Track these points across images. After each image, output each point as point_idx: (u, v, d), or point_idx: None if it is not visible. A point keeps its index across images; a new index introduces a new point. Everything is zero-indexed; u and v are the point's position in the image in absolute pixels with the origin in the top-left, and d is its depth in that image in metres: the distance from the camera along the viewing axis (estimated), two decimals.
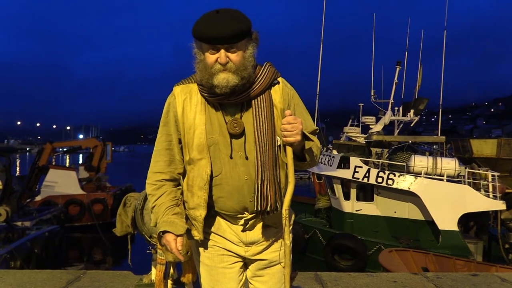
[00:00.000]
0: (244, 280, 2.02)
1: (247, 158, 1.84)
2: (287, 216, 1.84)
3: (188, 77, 1.95)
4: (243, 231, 1.93)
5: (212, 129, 1.86)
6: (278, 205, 1.83)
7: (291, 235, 1.92)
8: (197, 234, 1.92)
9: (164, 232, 1.87)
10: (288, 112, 1.76)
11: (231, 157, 1.84)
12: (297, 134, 1.75)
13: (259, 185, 1.81)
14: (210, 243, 1.97)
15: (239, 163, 1.85)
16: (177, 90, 1.93)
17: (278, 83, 1.93)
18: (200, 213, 1.88)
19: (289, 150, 1.81)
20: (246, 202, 1.86)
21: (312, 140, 1.87)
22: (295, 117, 1.76)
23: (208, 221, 1.94)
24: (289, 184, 1.84)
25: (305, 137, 1.83)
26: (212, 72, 1.76)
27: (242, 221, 1.91)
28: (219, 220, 1.95)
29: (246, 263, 2.01)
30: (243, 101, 1.85)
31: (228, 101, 1.83)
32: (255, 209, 1.83)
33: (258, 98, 1.85)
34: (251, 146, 1.84)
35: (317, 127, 2.00)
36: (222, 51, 1.74)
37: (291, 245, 1.90)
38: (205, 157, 1.84)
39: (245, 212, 1.89)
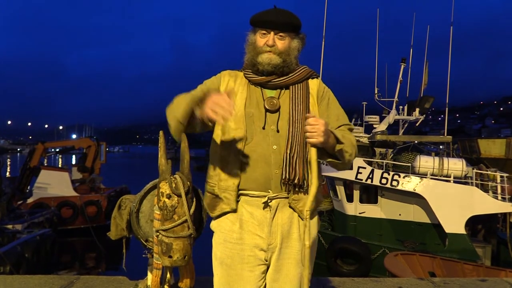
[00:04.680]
0: (263, 287, 1.98)
1: (278, 131, 1.93)
2: (307, 216, 1.83)
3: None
4: (264, 208, 1.91)
5: (250, 104, 1.99)
6: (305, 180, 1.89)
7: (314, 237, 2.01)
8: (226, 207, 1.95)
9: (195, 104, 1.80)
10: (311, 113, 1.87)
11: (263, 128, 1.94)
12: (318, 136, 1.77)
13: (288, 155, 1.87)
14: (232, 239, 1.95)
15: (270, 134, 1.93)
16: (225, 72, 2.10)
17: (317, 77, 2.10)
18: (233, 182, 1.92)
19: (313, 151, 1.83)
20: (271, 173, 1.89)
21: (342, 143, 1.88)
22: (316, 119, 1.79)
23: (231, 213, 1.96)
24: (311, 185, 1.85)
25: (336, 139, 1.86)
26: (258, 51, 1.97)
27: (265, 199, 1.91)
28: (241, 211, 1.95)
29: (269, 266, 1.97)
30: (282, 86, 2.01)
31: (269, 83, 2.00)
32: (283, 177, 1.86)
33: (296, 85, 2.02)
34: (284, 123, 1.94)
35: (350, 124, 2.10)
36: (272, 34, 1.96)
37: (313, 247, 1.95)
38: (241, 127, 1.94)
39: (269, 190, 1.91)
